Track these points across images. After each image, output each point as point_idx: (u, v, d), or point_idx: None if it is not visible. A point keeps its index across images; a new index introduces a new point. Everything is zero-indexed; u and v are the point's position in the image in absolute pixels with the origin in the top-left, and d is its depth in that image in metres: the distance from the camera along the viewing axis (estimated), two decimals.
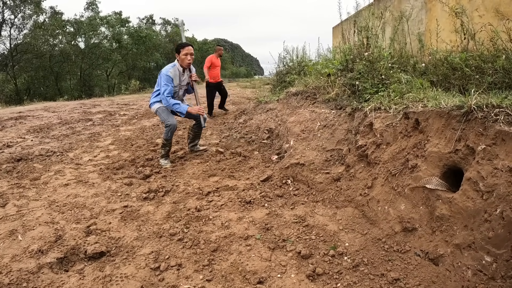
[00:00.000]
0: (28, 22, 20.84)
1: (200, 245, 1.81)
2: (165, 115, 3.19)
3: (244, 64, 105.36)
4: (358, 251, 1.69)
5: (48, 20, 21.55)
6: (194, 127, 3.52)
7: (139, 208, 2.28)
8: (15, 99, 17.59)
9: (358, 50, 3.51)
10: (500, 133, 1.33)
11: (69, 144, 4.16)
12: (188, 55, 3.11)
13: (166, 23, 31.63)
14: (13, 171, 3.09)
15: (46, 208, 2.28)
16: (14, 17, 20.11)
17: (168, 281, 1.55)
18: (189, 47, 3.13)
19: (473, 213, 1.36)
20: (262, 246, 1.78)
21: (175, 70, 3.17)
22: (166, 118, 3.17)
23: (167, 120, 3.16)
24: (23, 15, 20.52)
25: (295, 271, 1.57)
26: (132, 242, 1.86)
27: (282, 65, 6.73)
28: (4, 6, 19.47)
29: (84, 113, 6.67)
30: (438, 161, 1.62)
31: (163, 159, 3.25)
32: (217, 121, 5.66)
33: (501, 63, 2.11)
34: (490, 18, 3.07)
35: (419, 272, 1.48)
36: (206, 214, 2.14)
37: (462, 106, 1.59)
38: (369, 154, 2.17)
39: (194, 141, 3.62)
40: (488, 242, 1.27)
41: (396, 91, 2.38)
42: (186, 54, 3.10)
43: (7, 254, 1.72)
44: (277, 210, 2.15)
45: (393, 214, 1.79)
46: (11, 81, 20.53)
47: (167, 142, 3.21)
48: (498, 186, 1.26)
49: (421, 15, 4.34)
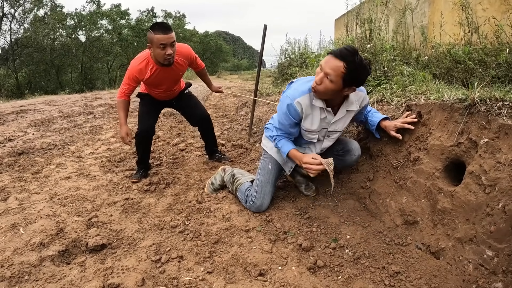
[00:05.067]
0: (29, 16, 20.75)
1: (201, 237, 1.82)
2: None
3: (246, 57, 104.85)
4: (359, 244, 1.70)
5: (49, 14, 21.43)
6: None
7: (140, 201, 2.29)
8: (16, 93, 17.59)
9: (361, 42, 3.48)
10: (503, 127, 1.32)
11: (71, 137, 4.16)
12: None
13: (167, 16, 31.37)
14: (14, 165, 3.10)
15: (48, 201, 2.29)
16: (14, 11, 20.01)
17: (169, 273, 1.55)
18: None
19: (475, 206, 1.35)
20: (263, 238, 1.78)
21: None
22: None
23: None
24: (23, 8, 20.40)
25: (296, 264, 1.58)
26: (133, 235, 1.87)
27: (284, 57, 6.69)
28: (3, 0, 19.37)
29: (85, 106, 6.66)
30: (440, 154, 1.61)
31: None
32: (219, 113, 5.65)
33: (504, 57, 2.09)
34: (493, 11, 3.03)
35: (420, 266, 1.48)
36: (207, 206, 2.14)
37: (465, 99, 1.57)
38: (371, 146, 2.16)
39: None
40: (489, 236, 1.27)
41: (398, 83, 2.36)
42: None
43: (8, 248, 1.73)
44: (278, 202, 2.14)
45: (394, 207, 1.79)
46: (12, 75, 20.50)
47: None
48: (500, 180, 1.26)
49: (424, 8, 4.29)
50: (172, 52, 2.30)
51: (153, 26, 2.26)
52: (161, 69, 2.42)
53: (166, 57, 2.29)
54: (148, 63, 2.41)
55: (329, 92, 1.64)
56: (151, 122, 2.64)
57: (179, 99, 2.85)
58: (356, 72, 1.55)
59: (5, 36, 20.77)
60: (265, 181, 2.02)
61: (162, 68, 2.41)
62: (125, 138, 2.45)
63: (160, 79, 2.50)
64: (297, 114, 1.76)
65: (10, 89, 19.00)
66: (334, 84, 1.58)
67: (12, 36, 20.64)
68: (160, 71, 2.43)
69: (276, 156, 2.05)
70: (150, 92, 2.68)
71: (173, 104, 2.87)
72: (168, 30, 2.25)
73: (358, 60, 1.53)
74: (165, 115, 5.35)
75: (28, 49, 20.89)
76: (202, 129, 2.95)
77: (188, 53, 2.57)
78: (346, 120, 1.87)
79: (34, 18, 20.83)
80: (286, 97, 1.77)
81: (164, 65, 2.37)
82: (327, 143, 1.96)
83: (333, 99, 1.75)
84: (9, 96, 15.20)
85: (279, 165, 2.06)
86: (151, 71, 2.41)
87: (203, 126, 2.92)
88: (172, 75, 2.54)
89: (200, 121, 2.88)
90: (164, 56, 2.28)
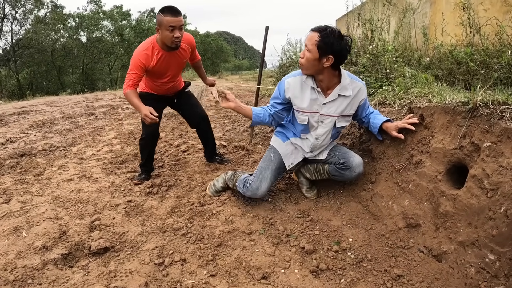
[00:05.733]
0: (30, 17, 20.81)
1: (204, 240, 1.82)
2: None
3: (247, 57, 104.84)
4: (362, 247, 1.70)
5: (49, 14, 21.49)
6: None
7: (143, 203, 2.29)
8: (17, 94, 17.65)
9: (362, 43, 3.48)
10: (505, 131, 1.32)
11: (72, 138, 4.17)
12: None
13: None
14: (16, 167, 3.11)
15: (50, 203, 2.30)
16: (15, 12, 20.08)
17: (172, 276, 1.56)
18: None
19: (477, 210, 1.35)
20: (266, 241, 1.78)
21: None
22: None
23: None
24: (24, 9, 20.46)
25: (299, 267, 1.58)
26: (136, 237, 1.87)
27: (285, 57, 6.70)
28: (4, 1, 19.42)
29: (87, 107, 6.68)
30: (442, 157, 1.61)
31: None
32: (220, 114, 5.65)
33: (506, 59, 2.08)
34: (495, 12, 3.02)
35: (422, 269, 1.48)
36: (210, 209, 2.14)
37: (467, 102, 1.57)
38: (373, 149, 2.16)
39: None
40: (491, 240, 1.27)
41: (400, 85, 2.36)
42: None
43: (12, 251, 1.74)
44: (280, 205, 2.15)
45: (396, 210, 1.79)
46: (14, 76, 20.56)
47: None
48: (503, 184, 1.26)
49: (426, 8, 4.28)
50: (180, 35, 2.30)
51: (163, 8, 2.25)
52: (167, 55, 2.41)
53: (174, 40, 2.28)
54: (154, 48, 2.38)
55: (310, 62, 1.82)
56: (155, 125, 2.64)
57: (180, 97, 2.84)
58: (328, 39, 1.73)
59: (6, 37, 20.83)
60: (265, 167, 2.09)
61: (168, 53, 2.40)
62: (149, 115, 2.27)
63: (166, 66, 2.47)
64: (282, 91, 1.97)
65: (12, 90, 19.06)
66: (312, 54, 1.78)
67: (13, 37, 20.72)
68: (166, 56, 2.41)
69: (278, 148, 2.14)
70: (152, 87, 2.64)
71: (174, 102, 2.87)
72: (178, 13, 2.25)
73: (330, 30, 1.74)
74: (167, 116, 5.36)
75: (29, 50, 20.95)
76: (201, 130, 2.93)
77: (191, 39, 2.59)
78: (339, 105, 1.93)
79: (35, 19, 20.88)
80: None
81: (171, 48, 2.36)
82: (321, 130, 2.00)
83: (322, 80, 1.89)
84: (11, 97, 15.23)
85: (281, 157, 2.12)
86: (157, 57, 2.39)
87: (201, 126, 2.90)
88: (177, 61, 2.53)
89: (199, 121, 2.87)
90: (172, 39, 2.28)
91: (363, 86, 1.96)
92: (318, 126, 1.99)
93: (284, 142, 2.14)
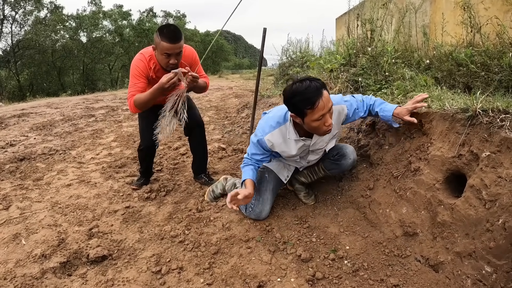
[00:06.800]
0: (30, 18, 20.83)
1: (201, 247, 1.82)
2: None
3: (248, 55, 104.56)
4: (359, 255, 1.69)
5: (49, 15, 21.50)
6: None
7: (141, 209, 2.29)
8: (18, 95, 17.68)
9: (362, 44, 3.44)
10: (505, 141, 1.29)
11: (72, 141, 4.17)
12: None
13: (167, 15, 31.36)
14: (16, 171, 3.12)
15: (49, 210, 2.30)
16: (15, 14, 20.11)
17: (169, 284, 1.56)
18: None
19: (475, 221, 1.34)
20: (262, 249, 1.78)
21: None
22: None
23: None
24: (24, 11, 20.48)
25: (295, 275, 1.58)
26: (134, 245, 1.87)
27: (285, 57, 6.66)
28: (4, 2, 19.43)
29: (86, 108, 6.68)
30: (441, 165, 1.59)
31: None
32: (220, 115, 5.64)
33: (507, 61, 2.05)
34: (495, 11, 2.98)
35: (418, 279, 1.47)
36: (207, 215, 2.14)
37: (467, 109, 1.55)
38: (371, 154, 2.15)
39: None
40: (489, 252, 1.25)
41: (399, 88, 2.34)
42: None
43: (11, 259, 1.74)
44: (278, 211, 2.14)
45: (394, 218, 1.78)
46: (14, 77, 20.61)
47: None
48: (501, 196, 1.24)
49: (425, 7, 4.23)
50: (177, 61, 2.12)
51: (162, 29, 2.05)
52: (163, 71, 2.24)
53: (169, 65, 2.13)
54: (151, 60, 2.23)
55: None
56: (152, 137, 2.43)
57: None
58: (285, 101, 1.72)
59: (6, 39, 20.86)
60: (263, 189, 2.06)
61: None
62: (168, 80, 2.02)
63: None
64: (267, 148, 1.91)
65: (12, 91, 19.10)
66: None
67: (13, 38, 20.75)
68: (163, 71, 2.24)
69: (270, 166, 2.13)
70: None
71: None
72: (176, 40, 2.04)
73: (284, 89, 1.72)
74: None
75: (30, 51, 20.99)
76: (194, 137, 2.66)
77: (191, 55, 2.38)
78: (327, 136, 1.89)
79: (35, 20, 20.89)
80: (258, 132, 1.91)
81: (166, 70, 2.25)
82: (312, 157, 2.03)
83: (301, 127, 1.80)
84: (11, 98, 15.24)
85: (275, 173, 2.11)
86: (155, 70, 2.25)
87: (195, 132, 2.63)
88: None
89: (194, 126, 2.60)
90: (167, 64, 2.13)
91: (340, 108, 1.85)
92: (309, 155, 2.01)
93: (274, 159, 2.15)
